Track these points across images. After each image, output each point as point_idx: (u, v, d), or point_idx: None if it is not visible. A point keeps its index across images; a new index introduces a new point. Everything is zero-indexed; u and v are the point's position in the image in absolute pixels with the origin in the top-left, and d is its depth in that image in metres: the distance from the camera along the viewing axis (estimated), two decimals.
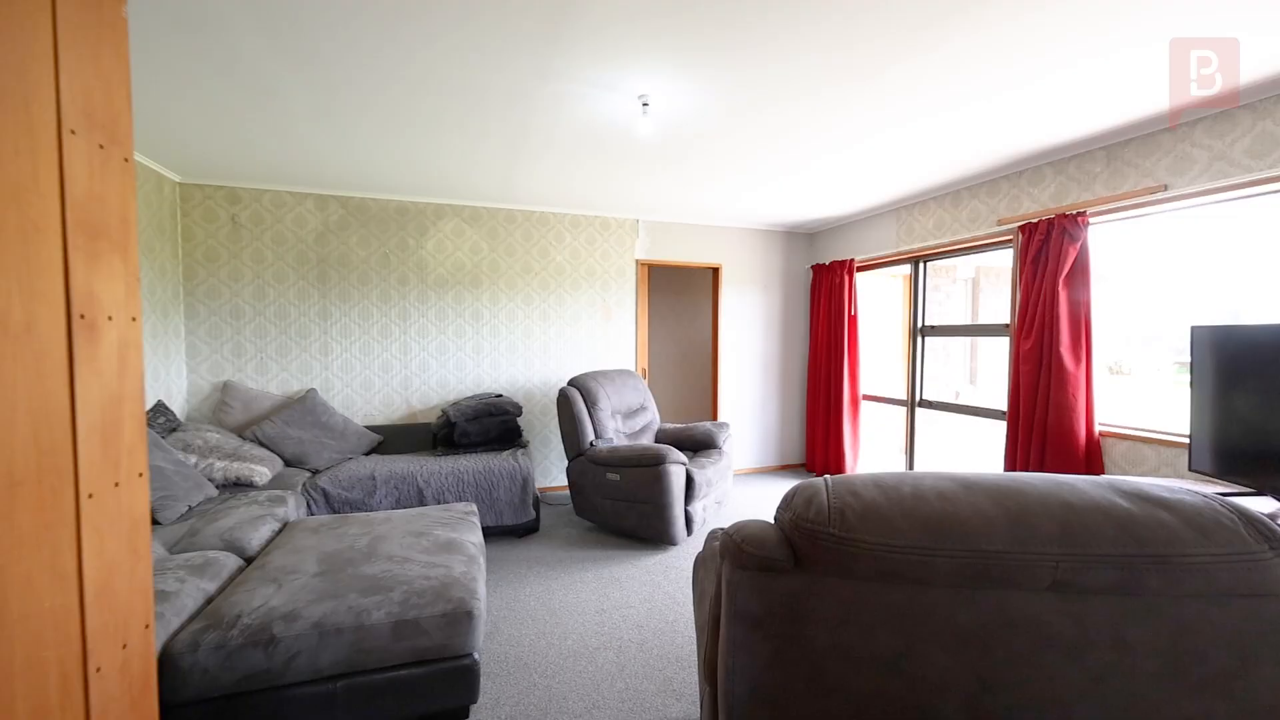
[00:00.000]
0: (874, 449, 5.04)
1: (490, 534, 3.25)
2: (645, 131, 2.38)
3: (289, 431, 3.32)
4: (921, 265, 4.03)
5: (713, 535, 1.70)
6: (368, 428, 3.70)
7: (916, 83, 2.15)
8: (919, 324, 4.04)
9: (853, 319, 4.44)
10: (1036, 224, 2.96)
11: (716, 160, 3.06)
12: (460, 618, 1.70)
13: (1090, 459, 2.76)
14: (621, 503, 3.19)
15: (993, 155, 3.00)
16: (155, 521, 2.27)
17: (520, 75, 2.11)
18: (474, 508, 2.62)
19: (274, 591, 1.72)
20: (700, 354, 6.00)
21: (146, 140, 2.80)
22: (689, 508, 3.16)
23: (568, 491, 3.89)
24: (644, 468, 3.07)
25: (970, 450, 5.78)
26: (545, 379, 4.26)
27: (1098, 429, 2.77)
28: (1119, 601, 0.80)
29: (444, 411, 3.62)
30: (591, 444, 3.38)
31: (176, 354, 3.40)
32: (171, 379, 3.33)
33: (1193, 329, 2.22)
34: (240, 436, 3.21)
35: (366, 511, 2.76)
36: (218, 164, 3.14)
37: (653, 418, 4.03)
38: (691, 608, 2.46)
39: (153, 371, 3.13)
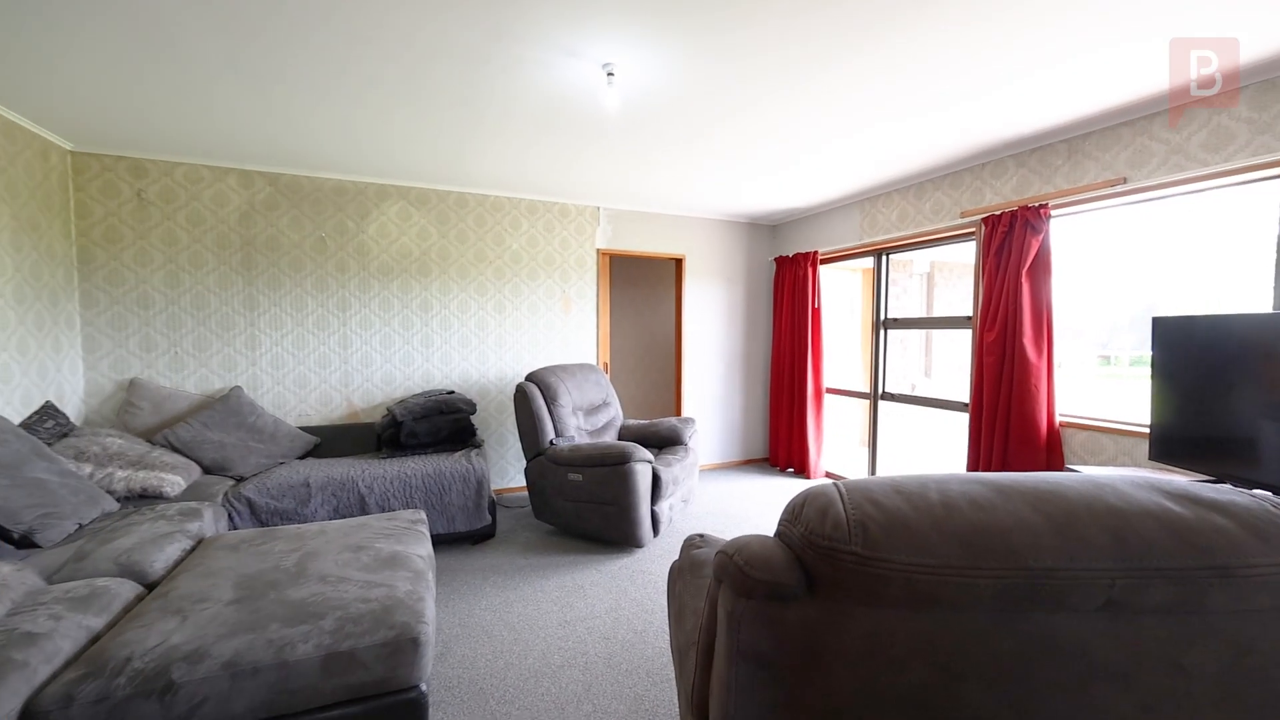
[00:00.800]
0: (835, 442, 5.06)
1: (442, 542, 3.01)
2: (612, 104, 2.20)
3: (209, 435, 2.96)
4: (884, 258, 4.03)
5: (690, 543, 1.55)
6: (302, 429, 3.36)
7: (884, 69, 2.07)
8: (881, 317, 4.04)
9: (816, 312, 4.41)
10: (999, 216, 2.96)
11: (683, 142, 2.91)
12: (404, 646, 1.49)
13: (1051, 449, 2.79)
14: (584, 504, 3.01)
15: (955, 147, 2.98)
16: (33, 544, 1.93)
17: (472, 34, 1.88)
18: (422, 515, 2.39)
19: (176, 626, 1.46)
20: (663, 348, 5.88)
21: (28, 100, 2.39)
22: (655, 507, 3.02)
23: (526, 493, 3.68)
24: (608, 467, 2.90)
25: (930, 442, 5.91)
26: (501, 374, 4.02)
27: (1058, 419, 2.81)
28: (1174, 621, 0.70)
29: (389, 410, 3.33)
30: (552, 443, 3.18)
31: (70, 347, 2.96)
32: (63, 376, 2.90)
33: (1154, 320, 2.25)
34: (149, 442, 2.83)
35: (298, 524, 2.48)
36: (118, 130, 2.74)
37: (616, 414, 3.87)
38: (662, 616, 2.32)
39: (38, 367, 2.71)
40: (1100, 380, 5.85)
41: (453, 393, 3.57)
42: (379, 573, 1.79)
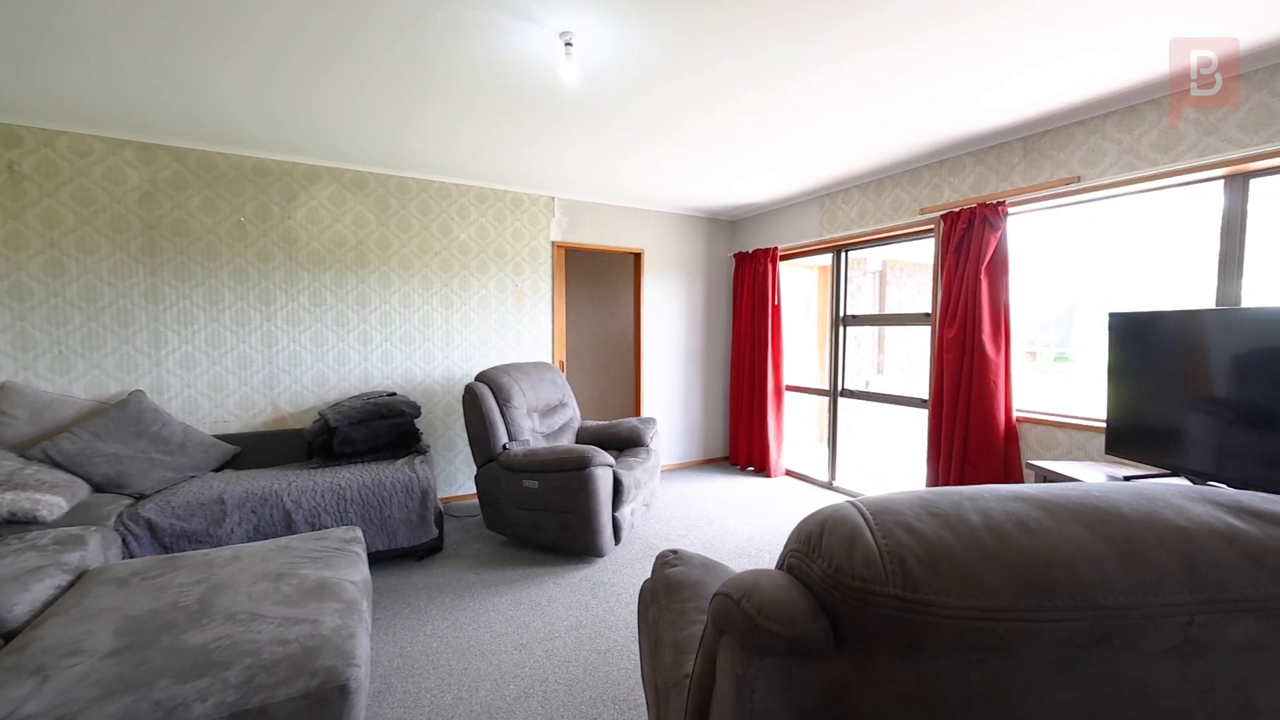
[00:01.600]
0: (793, 440, 5.05)
1: (381, 559, 2.73)
2: (570, 78, 2.01)
3: (101, 446, 2.56)
4: (843, 255, 4.02)
5: (664, 560, 1.40)
6: (218, 437, 2.99)
7: (846, 55, 1.99)
8: (841, 313, 4.03)
9: (776, 308, 4.36)
10: (959, 213, 2.97)
11: (643, 128, 2.75)
12: (330, 695, 1.27)
13: (1009, 444, 2.82)
14: (541, 513, 2.81)
15: (915, 143, 2.97)
16: None
17: None
18: (358, 532, 2.13)
19: (33, 690, 1.18)
20: (622, 346, 5.71)
21: None
22: (617, 514, 2.85)
23: (477, 501, 3.44)
24: (566, 472, 2.71)
25: (887, 438, 6.02)
26: (449, 374, 3.75)
27: (1015, 415, 2.84)
28: (1247, 658, 0.61)
29: (321, 415, 3.01)
30: (505, 447, 2.96)
31: None
32: None
33: (1110, 315, 2.28)
34: (23, 456, 2.42)
35: (210, 548, 2.17)
36: None
37: (573, 415, 3.67)
38: (628, 633, 2.16)
39: None
40: (1028, 376, 6.14)
41: (394, 395, 3.28)
42: (302, 605, 1.55)
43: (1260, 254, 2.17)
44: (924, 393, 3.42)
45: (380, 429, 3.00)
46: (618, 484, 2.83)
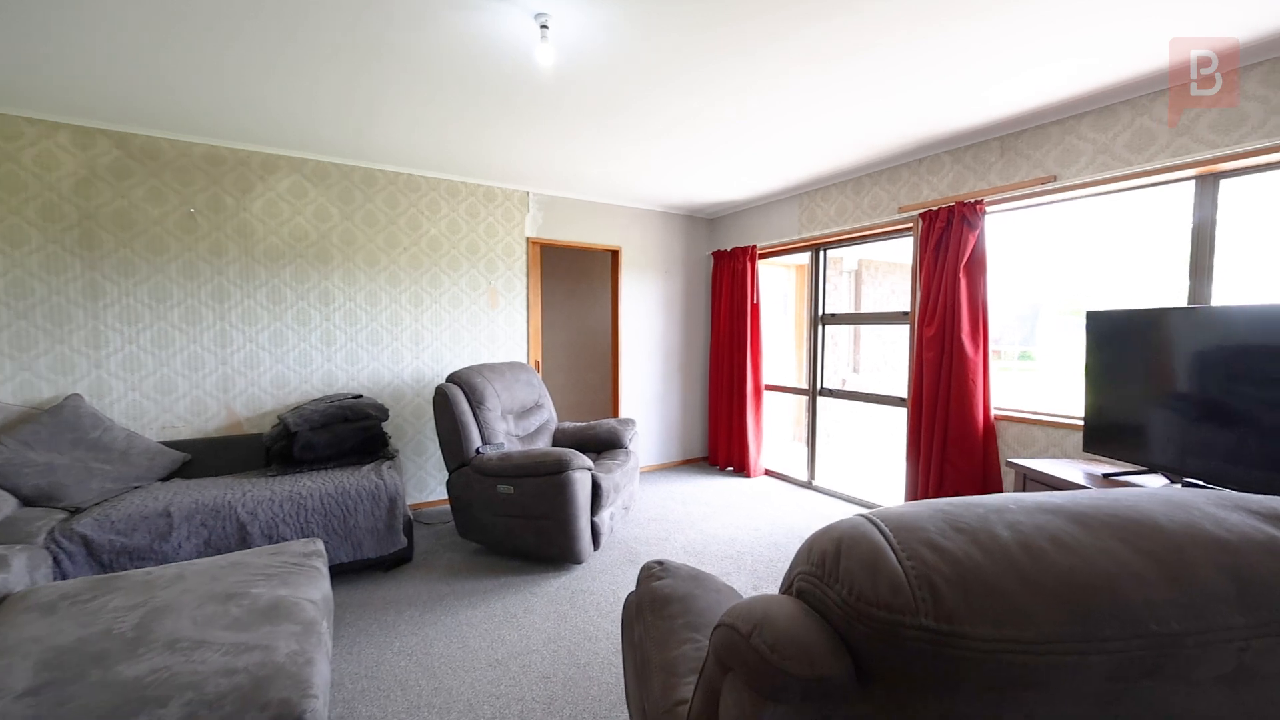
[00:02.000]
0: (771, 439, 5.04)
1: (346, 572, 2.58)
2: (545, 61, 1.91)
3: (31, 455, 2.35)
4: (822, 253, 4.01)
5: (649, 572, 1.32)
6: (166, 444, 2.79)
7: (826, 52, 1.95)
8: (820, 312, 4.02)
9: (755, 307, 4.33)
10: (937, 212, 2.97)
11: (621, 120, 2.67)
12: None
13: (987, 441, 2.84)
14: (516, 519, 2.70)
15: (893, 141, 2.96)
16: None
17: None
18: (319, 545, 1.99)
19: None
20: (599, 345, 5.61)
21: None
22: (595, 518, 2.76)
23: (449, 507, 3.30)
24: (543, 477, 2.61)
25: (864, 436, 6.07)
26: (419, 375, 3.59)
27: (993, 413, 2.85)
28: None
29: (280, 419, 2.84)
30: (478, 451, 2.84)
31: None
32: None
33: (1088, 314, 2.29)
34: None
35: (154, 566, 2.00)
36: None
37: (549, 417, 3.57)
38: (609, 645, 2.07)
39: None
40: (994, 373, 6.28)
41: (360, 397, 3.12)
42: (254, 629, 1.41)
43: (1230, 254, 2.21)
44: (902, 391, 3.43)
45: (345, 433, 2.85)
46: (596, 488, 2.74)
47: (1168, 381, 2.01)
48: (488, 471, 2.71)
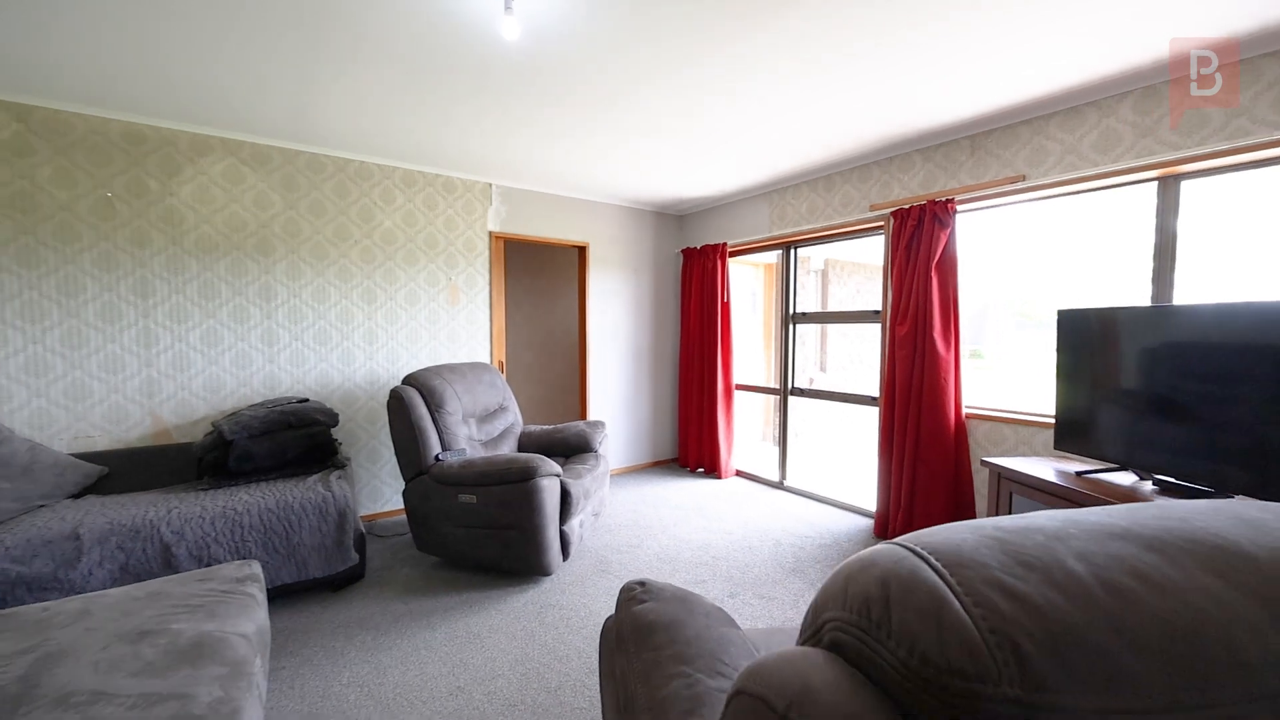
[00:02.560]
0: (739, 439, 5.00)
1: (290, 593, 2.35)
2: (511, 36, 1.75)
3: None
4: (793, 251, 3.97)
5: (630, 595, 1.19)
6: (79, 457, 2.48)
7: (800, 47, 1.87)
8: (791, 311, 3.98)
9: (725, 306, 4.27)
10: (909, 210, 2.96)
11: (592, 108, 2.53)
12: None
13: (959, 439, 2.84)
14: (479, 530, 2.53)
15: (865, 139, 2.94)
16: None
17: None
18: (256, 567, 1.78)
19: None
20: (565, 344, 5.45)
21: None
22: (565, 526, 2.62)
23: (405, 518, 3.09)
24: (508, 484, 2.45)
25: (830, 435, 6.11)
26: (373, 376, 3.36)
27: (964, 411, 2.86)
28: None
29: (215, 426, 2.57)
30: (438, 458, 2.65)
31: None
32: None
33: (1059, 312, 2.30)
34: None
35: (54, 599, 1.75)
36: None
37: (514, 420, 3.39)
38: (581, 664, 1.94)
39: None
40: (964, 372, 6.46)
41: (307, 401, 2.87)
42: (170, 674, 1.22)
43: (1191, 255, 2.26)
44: (869, 389, 3.42)
45: (288, 441, 2.61)
46: (565, 495, 2.59)
47: (1138, 379, 2.02)
48: (448, 480, 2.52)
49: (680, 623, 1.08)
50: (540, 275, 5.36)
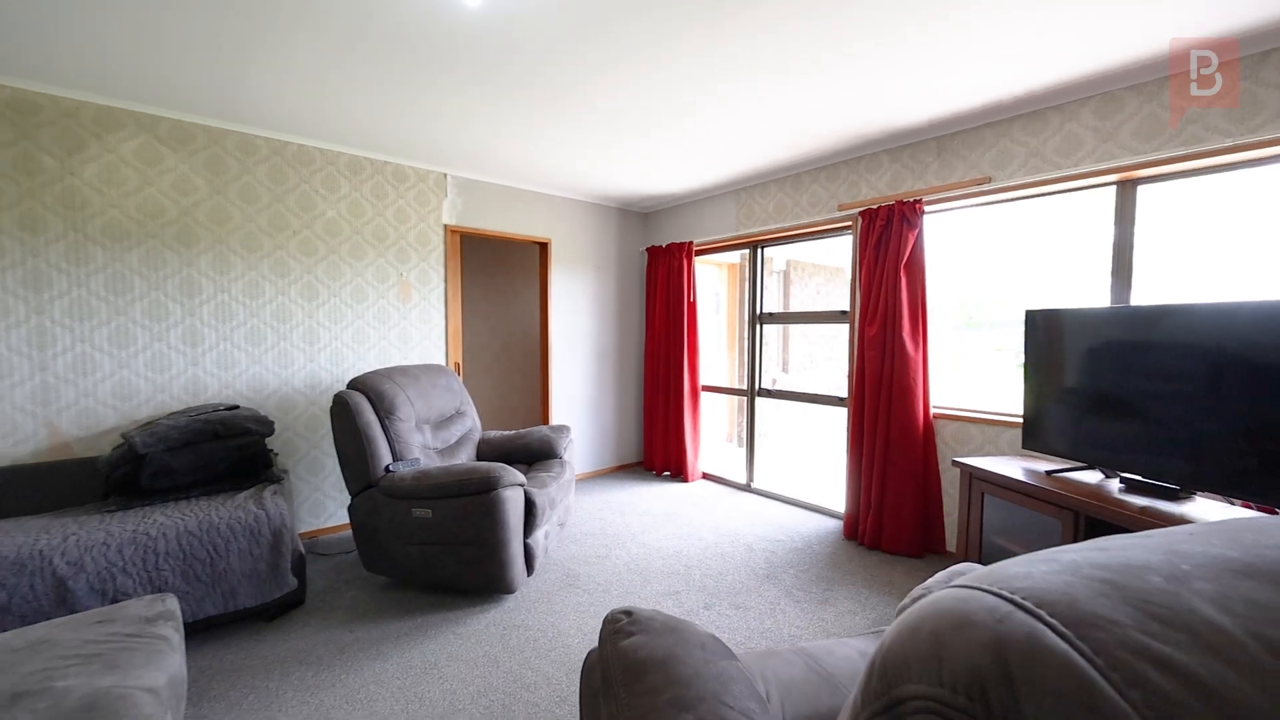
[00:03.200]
0: (706, 441, 4.93)
1: (215, 628, 2.09)
2: (474, 3, 1.58)
3: None
4: (760, 251, 3.93)
5: (615, 627, 1.05)
6: None
7: (764, 36, 1.80)
8: (758, 311, 3.94)
9: (692, 306, 4.19)
10: (877, 210, 2.95)
11: (556, 94, 2.38)
12: None
13: (927, 439, 2.85)
14: (435, 547, 2.33)
15: (833, 138, 2.91)
16: None
17: None
18: (171, 602, 1.54)
19: None
20: (526, 345, 5.24)
21: None
22: (529, 539, 2.45)
23: (351, 533, 2.83)
24: (468, 497, 2.26)
25: (793, 436, 6.13)
26: (314, 380, 3.07)
27: (932, 411, 2.87)
28: None
29: (125, 438, 2.26)
30: (388, 469, 2.42)
31: None
32: None
33: (1027, 312, 2.32)
34: None
35: None
36: None
37: (472, 426, 3.18)
38: (551, 694, 1.78)
39: None
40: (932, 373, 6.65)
41: (237, 408, 2.58)
42: None
43: (1147, 258, 2.32)
44: (834, 389, 3.41)
45: (215, 453, 2.32)
46: (530, 506, 2.43)
47: (1103, 379, 2.04)
48: (400, 493, 2.31)
49: (675, 659, 0.96)
50: (499, 272, 5.13)
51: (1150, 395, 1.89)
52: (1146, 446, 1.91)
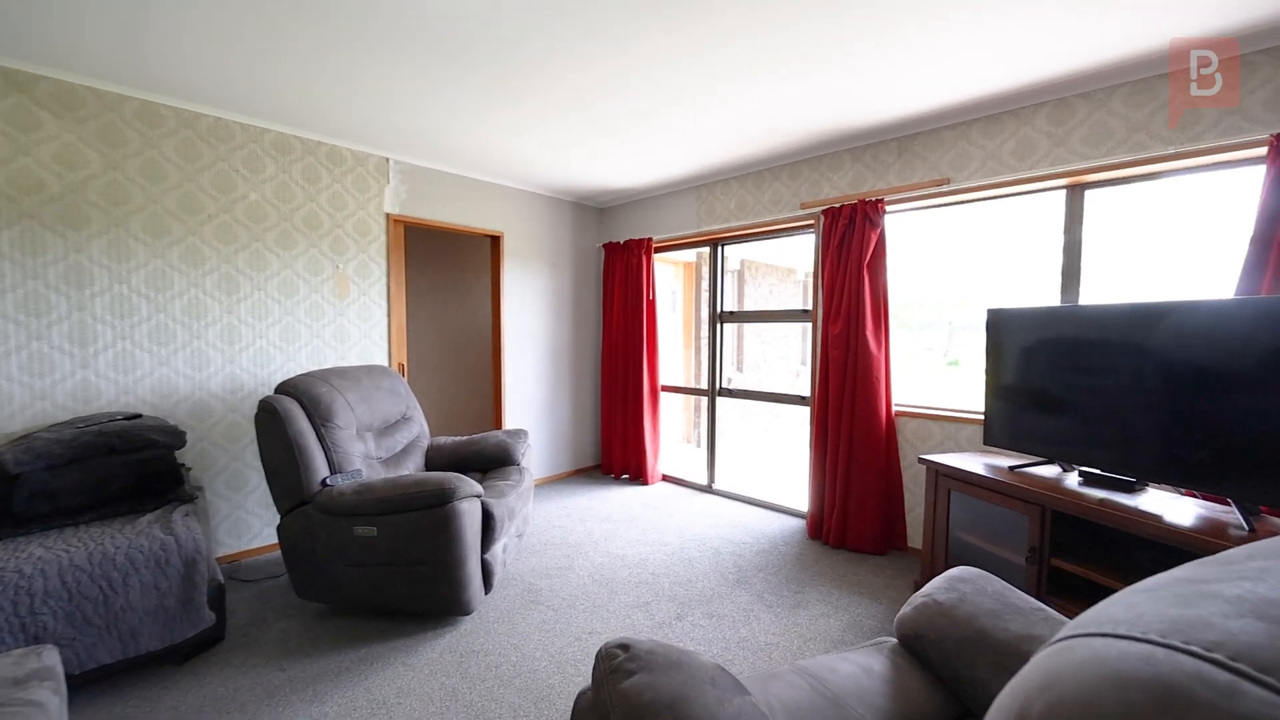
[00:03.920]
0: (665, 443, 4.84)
1: (112, 677, 1.77)
2: None
3: None
4: (720, 249, 3.88)
5: (613, 666, 0.91)
6: None
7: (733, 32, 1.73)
8: (719, 309, 3.89)
9: (651, 304, 4.08)
10: (840, 209, 2.96)
11: (511, 75, 2.20)
12: None
13: (889, 437, 2.87)
14: (381, 568, 2.09)
15: (795, 135, 2.89)
16: None
17: None
18: (51, 656, 1.27)
19: None
20: (477, 345, 4.96)
21: None
22: (486, 555, 2.26)
23: (281, 555, 2.53)
24: (419, 511, 2.04)
25: (751, 436, 6.16)
26: (234, 384, 2.73)
27: (894, 409, 2.90)
28: None
29: None
30: (325, 483, 2.16)
31: None
32: None
33: (988, 311, 2.36)
34: None
35: None
36: None
37: (420, 431, 2.93)
38: None
39: None
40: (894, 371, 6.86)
41: (138, 417, 2.24)
42: None
43: (1094, 260, 2.42)
44: (792, 387, 3.41)
45: (110, 470, 1.99)
46: (488, 518, 2.23)
47: (1060, 376, 2.10)
48: (340, 510, 2.06)
49: (686, 700, 0.83)
50: (448, 267, 4.83)
51: (1102, 391, 1.95)
52: (1102, 441, 1.97)
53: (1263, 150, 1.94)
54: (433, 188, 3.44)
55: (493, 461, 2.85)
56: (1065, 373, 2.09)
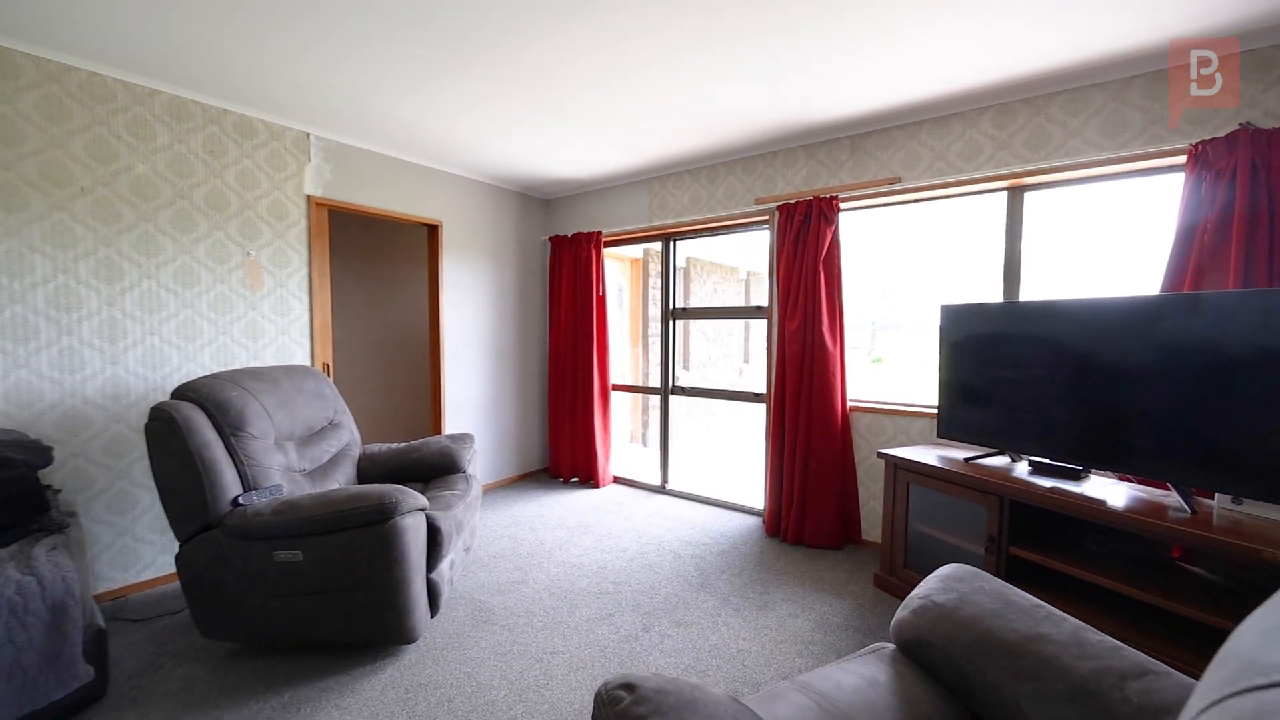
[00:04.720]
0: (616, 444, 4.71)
1: None
2: None
3: None
4: (673, 244, 3.80)
5: (618, 710, 0.78)
6: None
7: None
8: (671, 306, 3.80)
9: (601, 300, 3.94)
10: (795, 205, 2.95)
11: (448, 42, 1.99)
12: None
13: (844, 432, 2.90)
14: (308, 597, 1.82)
15: (748, 129, 2.86)
16: None
17: None
18: None
19: None
20: (413, 342, 4.59)
21: None
22: (432, 574, 2.03)
23: (180, 587, 2.16)
24: (354, 530, 1.79)
25: (700, 434, 6.13)
26: (119, 388, 2.32)
27: (849, 404, 2.93)
28: None
29: None
30: (237, 503, 1.85)
31: None
32: None
33: (942, 307, 2.41)
34: None
35: None
36: None
37: (350, 439, 2.63)
38: None
39: None
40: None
41: None
42: None
43: (1032, 259, 2.54)
44: (741, 384, 3.39)
45: None
46: (434, 533, 2.01)
47: (1008, 369, 2.17)
48: (257, 533, 1.77)
49: None
50: (379, 258, 4.44)
51: (1048, 383, 2.03)
52: (1050, 431, 2.05)
53: (1183, 159, 2.09)
54: (362, 169, 3.11)
55: (436, 470, 2.60)
56: (1012, 367, 2.16)
